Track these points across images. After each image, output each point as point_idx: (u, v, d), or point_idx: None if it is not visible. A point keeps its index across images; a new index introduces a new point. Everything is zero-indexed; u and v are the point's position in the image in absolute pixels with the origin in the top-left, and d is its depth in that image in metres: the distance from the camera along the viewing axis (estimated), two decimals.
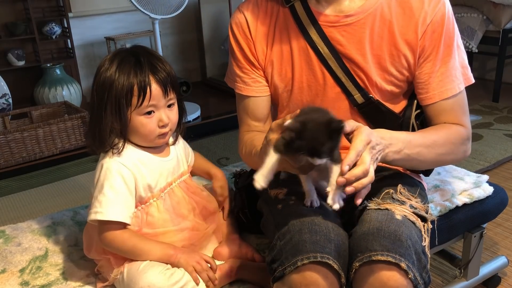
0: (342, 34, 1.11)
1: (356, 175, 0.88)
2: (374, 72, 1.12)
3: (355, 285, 0.94)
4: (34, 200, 2.40)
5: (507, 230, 1.97)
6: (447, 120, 1.15)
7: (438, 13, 1.09)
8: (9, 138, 2.74)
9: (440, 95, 1.12)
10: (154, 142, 1.12)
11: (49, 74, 3.60)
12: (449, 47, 1.11)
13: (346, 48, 1.11)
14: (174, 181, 1.17)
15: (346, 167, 0.87)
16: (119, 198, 1.05)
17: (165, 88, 1.08)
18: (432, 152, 1.11)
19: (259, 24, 1.18)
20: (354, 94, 1.13)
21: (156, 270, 1.03)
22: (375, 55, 1.11)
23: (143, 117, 1.07)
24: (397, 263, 0.88)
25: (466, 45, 3.51)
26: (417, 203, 1.06)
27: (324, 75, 1.14)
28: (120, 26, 4.07)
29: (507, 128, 3.02)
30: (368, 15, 1.10)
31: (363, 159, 0.90)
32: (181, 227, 1.14)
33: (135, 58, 1.07)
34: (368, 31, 1.10)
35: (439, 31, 1.09)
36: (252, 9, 1.19)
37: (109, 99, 1.05)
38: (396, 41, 1.10)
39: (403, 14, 1.09)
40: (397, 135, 1.06)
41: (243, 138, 1.24)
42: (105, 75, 1.06)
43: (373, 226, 0.95)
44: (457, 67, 1.13)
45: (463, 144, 1.16)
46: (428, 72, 1.12)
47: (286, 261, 0.93)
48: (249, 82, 1.22)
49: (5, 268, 1.21)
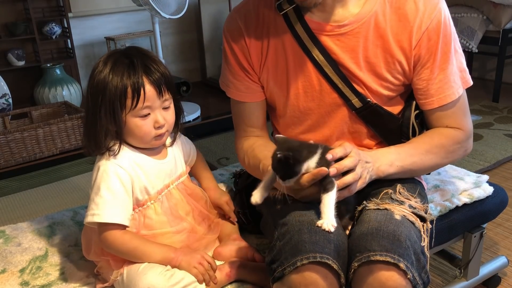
0: (335, 43, 1.11)
1: (346, 165, 0.96)
2: (369, 79, 1.12)
3: (354, 285, 0.94)
4: (34, 200, 2.40)
5: (507, 230, 1.97)
6: (447, 124, 1.16)
7: (434, 20, 1.07)
8: (9, 138, 2.74)
9: (439, 102, 1.12)
10: (150, 143, 1.11)
11: (49, 74, 3.60)
12: (446, 54, 1.10)
13: (340, 57, 1.11)
14: (171, 183, 1.17)
15: (329, 156, 0.95)
16: (116, 200, 1.05)
17: (160, 89, 1.07)
18: (427, 160, 1.13)
19: (253, 31, 1.16)
20: (352, 99, 1.13)
21: (156, 271, 1.02)
22: (370, 62, 1.11)
23: (139, 119, 1.07)
24: (396, 263, 0.88)
25: (466, 45, 3.51)
26: (417, 203, 1.06)
27: (320, 81, 1.14)
28: (120, 26, 4.07)
29: (507, 128, 3.02)
30: (362, 24, 1.09)
31: (354, 160, 0.97)
32: (179, 228, 1.14)
33: (129, 60, 1.06)
34: (362, 40, 1.09)
35: (435, 39, 1.08)
36: (245, 15, 1.17)
37: (104, 102, 1.04)
38: (391, 48, 1.09)
39: (398, 21, 1.08)
40: (384, 150, 1.11)
41: (243, 145, 1.25)
42: (99, 77, 1.05)
43: (372, 226, 0.95)
44: (456, 72, 1.13)
45: (461, 147, 1.17)
46: (426, 79, 1.11)
47: (285, 261, 0.93)
48: (242, 88, 1.22)
49: (5, 268, 1.21)
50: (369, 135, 1.19)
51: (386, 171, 1.07)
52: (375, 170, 1.05)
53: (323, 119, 1.18)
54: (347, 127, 1.18)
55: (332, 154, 0.95)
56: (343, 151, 0.97)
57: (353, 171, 0.97)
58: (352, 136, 1.20)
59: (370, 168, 1.03)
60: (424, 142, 1.14)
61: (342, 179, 0.96)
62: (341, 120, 1.17)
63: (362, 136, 1.19)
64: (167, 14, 2.98)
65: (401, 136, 1.17)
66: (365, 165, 1.01)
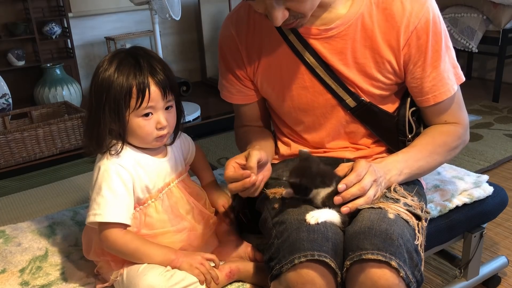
0: (324, 46, 1.12)
1: (352, 193, 0.97)
2: (359, 79, 1.13)
3: (347, 284, 0.94)
4: (34, 200, 2.40)
5: (507, 230, 1.97)
6: (446, 120, 1.17)
7: (422, 19, 1.07)
8: (9, 138, 2.74)
9: (435, 99, 1.13)
10: (151, 144, 1.11)
11: (49, 74, 3.60)
12: (437, 52, 1.10)
13: (329, 59, 1.12)
14: (172, 182, 1.17)
15: (343, 186, 0.97)
16: (117, 200, 1.05)
17: (164, 90, 1.07)
18: (432, 162, 1.15)
19: (245, 37, 1.20)
20: (346, 99, 1.14)
21: (156, 272, 1.02)
22: (359, 63, 1.12)
23: (141, 119, 1.07)
24: (388, 262, 0.88)
25: (466, 45, 3.51)
26: (413, 201, 1.06)
27: (314, 83, 1.15)
28: (120, 26, 4.07)
29: (507, 128, 3.02)
30: (348, 27, 1.09)
31: (365, 186, 0.99)
32: (180, 227, 1.14)
33: (134, 60, 1.06)
34: (350, 42, 1.10)
35: (425, 38, 1.09)
36: (237, 21, 1.21)
37: (108, 100, 1.04)
38: (379, 48, 1.10)
39: (385, 21, 1.09)
40: (392, 158, 1.12)
41: (238, 134, 1.35)
42: (104, 76, 1.05)
43: (364, 225, 0.95)
44: (449, 69, 1.13)
45: (461, 141, 1.19)
46: (419, 77, 1.12)
47: (283, 259, 0.93)
48: (234, 91, 1.28)
49: (5, 268, 1.21)
50: (366, 134, 1.20)
51: (396, 181, 1.09)
52: (386, 182, 1.07)
53: (318, 120, 1.20)
54: (343, 127, 1.20)
55: (346, 184, 0.98)
56: (357, 178, 0.99)
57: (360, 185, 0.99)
58: (348, 136, 1.21)
59: (383, 182, 1.05)
60: (427, 143, 1.14)
61: (353, 202, 0.99)
62: (336, 120, 1.18)
63: (359, 135, 1.20)
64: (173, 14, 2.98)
65: (398, 134, 1.18)
66: (379, 179, 1.03)
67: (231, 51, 1.23)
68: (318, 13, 1.09)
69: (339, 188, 0.98)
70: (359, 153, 1.22)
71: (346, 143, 1.23)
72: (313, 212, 0.98)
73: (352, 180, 0.98)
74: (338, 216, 0.99)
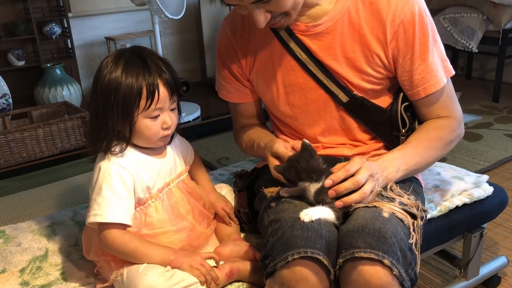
0: (313, 42, 1.14)
1: (346, 187, 0.97)
2: (350, 74, 1.15)
3: (341, 282, 0.94)
4: (34, 200, 2.40)
5: (507, 230, 1.97)
6: (438, 113, 1.18)
7: (407, 13, 1.09)
8: (9, 138, 2.74)
9: (425, 91, 1.15)
10: (156, 143, 1.12)
11: (49, 74, 3.60)
12: (425, 44, 1.12)
13: (319, 55, 1.15)
14: (172, 181, 1.17)
15: (329, 181, 0.98)
16: (118, 200, 1.05)
17: (171, 90, 1.08)
18: (429, 157, 1.15)
19: (240, 36, 1.23)
20: (338, 94, 1.17)
21: (156, 272, 1.02)
22: (349, 58, 1.14)
23: (149, 120, 1.07)
24: (380, 260, 0.88)
25: (466, 45, 3.51)
26: (409, 199, 1.07)
27: (306, 78, 1.17)
28: (120, 26, 4.07)
29: (507, 128, 3.02)
30: (335, 22, 1.12)
31: (358, 180, 0.99)
32: (180, 227, 1.14)
33: (141, 60, 1.06)
34: (338, 37, 1.12)
35: (412, 31, 1.10)
36: (232, 21, 1.24)
37: (116, 102, 1.04)
38: (368, 42, 1.12)
39: (372, 16, 1.11)
40: (389, 156, 1.12)
41: (239, 133, 1.36)
42: (110, 77, 1.04)
43: (358, 223, 0.95)
44: (437, 62, 1.15)
45: (456, 134, 1.19)
46: (408, 70, 1.14)
47: (277, 256, 0.93)
48: (232, 90, 1.31)
49: (5, 268, 1.21)
50: (362, 130, 1.22)
51: (393, 178, 1.09)
52: (384, 179, 1.07)
53: (312, 116, 1.21)
54: (338, 122, 1.21)
55: (332, 179, 0.99)
56: (345, 174, 0.98)
57: (360, 189, 0.99)
58: (345, 132, 1.22)
59: (380, 179, 1.05)
60: (423, 139, 1.15)
61: (348, 197, 0.98)
62: (330, 116, 1.20)
63: (354, 131, 1.22)
64: (170, 14, 2.97)
65: (392, 129, 1.19)
66: (376, 175, 1.03)
67: (228, 51, 1.26)
68: (305, 11, 1.12)
69: (325, 183, 0.98)
70: (357, 150, 1.23)
71: (344, 139, 1.24)
72: (307, 210, 0.98)
73: (340, 175, 0.98)
74: (333, 213, 0.99)
